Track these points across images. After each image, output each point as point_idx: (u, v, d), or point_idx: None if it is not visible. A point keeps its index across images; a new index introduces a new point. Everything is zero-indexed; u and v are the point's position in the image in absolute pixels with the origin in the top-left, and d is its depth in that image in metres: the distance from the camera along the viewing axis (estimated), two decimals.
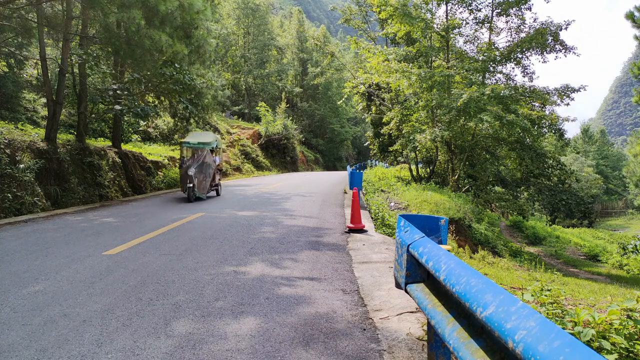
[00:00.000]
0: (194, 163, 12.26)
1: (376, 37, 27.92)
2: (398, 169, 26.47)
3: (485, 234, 16.02)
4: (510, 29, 19.11)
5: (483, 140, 19.15)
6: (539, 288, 3.95)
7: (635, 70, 13.75)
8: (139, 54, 11.46)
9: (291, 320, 3.76)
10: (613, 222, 46.45)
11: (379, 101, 24.23)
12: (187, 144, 12.97)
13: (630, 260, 16.71)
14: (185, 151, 13.36)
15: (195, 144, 12.87)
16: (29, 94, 17.37)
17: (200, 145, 12.87)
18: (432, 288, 2.48)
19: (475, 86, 16.88)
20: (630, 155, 46.51)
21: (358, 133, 57.48)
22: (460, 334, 1.89)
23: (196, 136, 13.54)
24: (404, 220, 2.93)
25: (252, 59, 46.65)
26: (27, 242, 6.84)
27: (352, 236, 7.63)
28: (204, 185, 12.60)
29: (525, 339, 1.28)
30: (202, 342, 3.29)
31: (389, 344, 3.29)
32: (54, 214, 9.80)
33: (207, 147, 12.96)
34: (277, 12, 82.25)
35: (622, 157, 64.62)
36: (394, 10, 17.89)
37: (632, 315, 2.99)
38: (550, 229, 27.09)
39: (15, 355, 3.08)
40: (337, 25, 69.41)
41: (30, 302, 4.13)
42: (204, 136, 13.64)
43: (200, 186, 12.42)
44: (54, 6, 12.40)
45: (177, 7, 11.62)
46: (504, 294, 1.58)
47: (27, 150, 10.63)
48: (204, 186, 12.64)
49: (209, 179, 12.85)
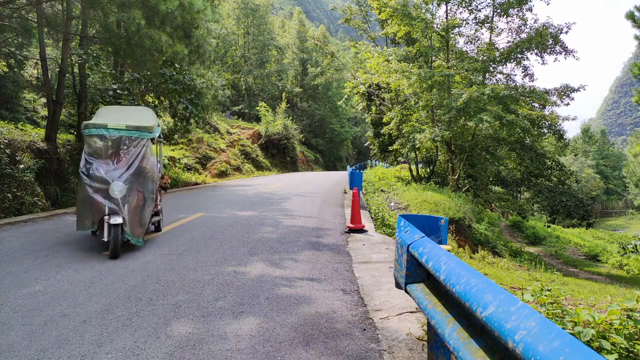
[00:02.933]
0: (116, 170, 6.19)
1: (376, 37, 27.93)
2: (398, 169, 26.47)
3: (485, 234, 16.02)
4: (511, 29, 19.12)
5: (483, 140, 19.15)
6: (539, 288, 3.95)
7: (635, 70, 13.74)
8: (139, 53, 11.45)
9: (291, 320, 3.76)
10: (613, 222, 46.44)
11: (379, 101, 24.24)
12: (99, 129, 6.34)
13: (630, 260, 16.71)
14: (94, 144, 6.39)
15: (120, 129, 6.38)
16: (29, 94, 17.36)
17: (130, 133, 6.41)
18: (432, 288, 2.48)
19: (475, 86, 16.88)
20: (630, 155, 46.52)
21: (358, 133, 57.48)
22: (460, 334, 1.89)
23: (116, 114, 7.01)
24: (404, 220, 2.93)
25: (252, 59, 46.65)
26: (27, 242, 6.84)
27: (352, 236, 7.63)
28: (141, 219, 6.42)
29: (525, 339, 1.28)
30: (202, 342, 3.29)
31: (389, 344, 3.29)
32: (54, 214, 9.80)
33: (143, 136, 6.52)
34: (277, 12, 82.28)
35: (622, 157, 64.62)
36: (394, 11, 17.89)
37: (632, 315, 2.99)
38: (550, 229, 27.09)
39: (15, 355, 3.08)
40: (337, 25, 69.44)
41: (30, 302, 4.13)
42: (135, 114, 7.11)
43: (135, 221, 6.26)
44: (54, 6, 12.40)
45: (177, 7, 11.62)
46: (504, 294, 1.57)
47: (27, 150, 10.63)
48: (143, 221, 6.45)
49: (150, 203, 6.69)
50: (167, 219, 9.19)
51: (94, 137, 6.38)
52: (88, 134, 6.37)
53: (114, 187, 6.02)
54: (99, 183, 6.11)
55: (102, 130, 6.34)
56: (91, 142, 6.39)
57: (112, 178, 6.11)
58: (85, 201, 6.18)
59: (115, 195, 6.01)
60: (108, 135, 6.37)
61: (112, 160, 6.35)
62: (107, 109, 7.42)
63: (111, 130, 6.37)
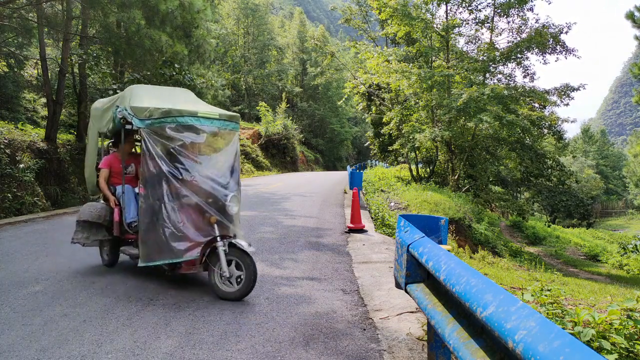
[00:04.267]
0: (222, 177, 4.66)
1: (376, 37, 27.91)
2: (398, 169, 26.46)
3: (485, 234, 16.02)
4: (512, 29, 19.10)
5: (483, 140, 19.14)
6: (539, 288, 3.94)
7: (636, 70, 13.74)
8: (139, 53, 11.46)
9: (291, 320, 3.76)
10: (613, 222, 46.44)
11: (379, 101, 24.23)
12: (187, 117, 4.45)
13: (630, 260, 16.70)
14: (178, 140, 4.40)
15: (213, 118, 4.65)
16: (29, 94, 17.36)
17: (225, 124, 4.79)
18: (432, 288, 2.48)
19: (475, 86, 16.87)
20: (630, 155, 46.53)
21: (358, 133, 57.48)
22: (460, 334, 1.89)
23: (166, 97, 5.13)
24: (404, 220, 2.93)
25: (252, 59, 46.66)
26: (27, 242, 6.84)
27: (352, 236, 7.63)
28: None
29: (525, 339, 1.28)
30: (202, 342, 3.29)
31: (389, 344, 3.29)
32: (54, 214, 9.80)
33: (236, 128, 4.96)
34: (277, 12, 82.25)
35: (622, 157, 64.60)
36: (394, 11, 17.89)
37: (632, 315, 2.99)
38: (550, 229, 27.09)
39: (15, 355, 3.08)
40: (337, 25, 69.44)
41: (30, 302, 4.13)
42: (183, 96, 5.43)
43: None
44: (54, 6, 12.40)
45: (177, 7, 11.62)
46: (504, 294, 1.57)
47: (27, 150, 10.63)
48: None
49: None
50: None
51: (180, 130, 4.36)
52: (173, 123, 4.33)
53: (232, 201, 4.46)
54: (203, 196, 4.36)
55: (191, 120, 4.41)
56: (176, 136, 4.33)
57: (225, 188, 4.51)
58: (169, 220, 4.23)
59: (232, 211, 4.46)
60: (200, 126, 4.48)
61: (210, 162, 4.56)
62: (143, 89, 5.11)
63: (202, 119, 4.50)
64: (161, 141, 4.32)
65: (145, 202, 4.31)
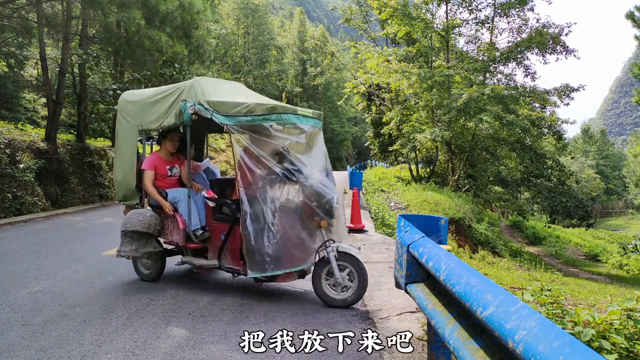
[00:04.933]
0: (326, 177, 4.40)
1: (376, 37, 27.91)
2: (398, 169, 26.46)
3: (485, 234, 16.02)
4: (512, 29, 19.10)
5: (483, 140, 19.15)
6: (539, 288, 3.94)
7: (636, 70, 13.75)
8: (138, 54, 11.47)
9: (291, 320, 3.76)
10: (613, 222, 46.43)
11: (379, 101, 24.23)
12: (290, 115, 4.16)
13: (630, 260, 16.69)
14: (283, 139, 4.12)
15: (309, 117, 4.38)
16: (29, 94, 17.36)
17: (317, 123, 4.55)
18: (432, 288, 2.48)
19: (475, 86, 16.87)
20: (630, 155, 46.49)
21: (358, 133, 57.47)
22: (460, 334, 1.89)
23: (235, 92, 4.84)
24: (404, 220, 2.93)
25: (252, 59, 46.67)
26: (27, 242, 6.84)
27: (352, 236, 7.63)
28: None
29: (526, 339, 1.28)
30: (202, 342, 3.29)
31: (389, 344, 3.28)
32: (54, 214, 9.80)
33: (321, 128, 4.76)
34: (277, 12, 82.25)
35: (622, 157, 64.56)
36: (394, 11, 17.90)
37: (632, 315, 2.99)
38: (550, 229, 27.09)
39: (15, 355, 3.08)
40: (337, 25, 69.43)
41: (30, 302, 4.13)
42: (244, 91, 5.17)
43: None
44: (54, 6, 12.40)
45: (177, 7, 11.63)
46: (504, 294, 1.57)
47: (27, 150, 10.62)
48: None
49: None
50: None
51: (284, 128, 4.14)
52: (277, 121, 4.04)
53: (337, 203, 4.24)
54: (312, 199, 4.09)
55: (293, 118, 4.17)
56: (281, 135, 4.10)
57: (331, 189, 4.24)
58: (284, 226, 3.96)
59: (339, 214, 4.24)
60: (300, 124, 4.23)
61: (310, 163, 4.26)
62: (208, 82, 4.59)
63: (301, 117, 4.26)
64: (265, 140, 3.97)
65: (252, 208, 3.87)
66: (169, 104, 4.44)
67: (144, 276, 4.86)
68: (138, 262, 4.91)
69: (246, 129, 3.94)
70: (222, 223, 4.36)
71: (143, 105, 4.78)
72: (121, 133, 4.98)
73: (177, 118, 4.26)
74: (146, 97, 4.80)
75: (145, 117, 4.71)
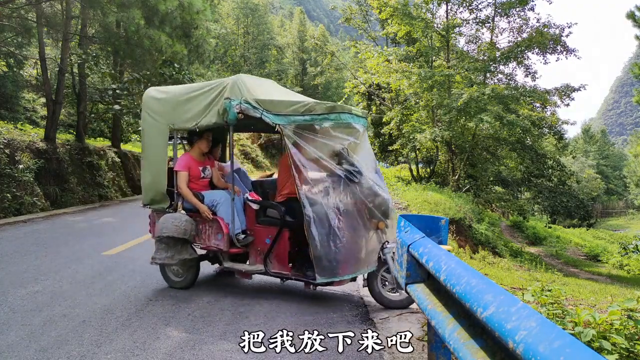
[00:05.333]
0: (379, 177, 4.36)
1: (377, 37, 27.90)
2: (398, 169, 26.46)
3: (485, 234, 16.00)
4: (512, 29, 19.09)
5: (484, 140, 19.14)
6: (539, 288, 3.93)
7: (636, 70, 13.74)
8: (138, 53, 11.46)
9: (291, 320, 3.76)
10: (613, 222, 46.40)
11: (379, 101, 24.23)
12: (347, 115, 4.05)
13: (630, 260, 16.68)
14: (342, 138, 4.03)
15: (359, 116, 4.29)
16: (29, 93, 17.36)
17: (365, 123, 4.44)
18: (433, 288, 2.47)
19: (475, 86, 16.86)
20: (631, 155, 46.48)
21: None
22: (460, 334, 1.88)
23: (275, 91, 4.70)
24: (404, 220, 2.92)
25: (252, 59, 46.69)
26: (26, 242, 6.83)
27: None
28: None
29: (526, 339, 1.27)
30: (202, 342, 3.28)
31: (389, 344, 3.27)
32: (54, 214, 9.79)
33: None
34: (277, 12, 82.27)
35: (622, 157, 64.54)
36: (394, 10, 17.89)
37: (632, 315, 2.98)
38: (550, 229, 27.08)
39: (14, 355, 3.07)
40: (337, 25, 69.42)
41: (29, 302, 4.13)
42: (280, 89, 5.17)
43: None
44: (54, 6, 12.39)
45: (176, 7, 11.62)
46: (505, 295, 1.57)
47: (26, 150, 10.62)
48: None
49: None
50: None
51: (341, 128, 4.02)
52: (339, 120, 3.94)
53: (391, 204, 4.15)
54: (370, 200, 4.00)
55: (349, 117, 4.05)
56: (339, 134, 3.97)
57: (385, 189, 4.17)
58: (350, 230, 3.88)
59: (393, 214, 4.09)
60: (354, 124, 4.13)
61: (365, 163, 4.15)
62: (251, 80, 4.43)
63: (355, 117, 4.12)
64: (322, 141, 3.83)
65: (315, 212, 3.73)
66: (207, 101, 4.21)
67: (175, 283, 4.61)
68: (167, 269, 4.64)
69: (303, 129, 3.77)
70: (267, 226, 4.20)
71: (174, 102, 4.52)
72: (148, 132, 4.72)
73: (220, 117, 4.06)
74: (177, 94, 4.56)
75: (178, 115, 4.45)
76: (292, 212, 4.07)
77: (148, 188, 4.70)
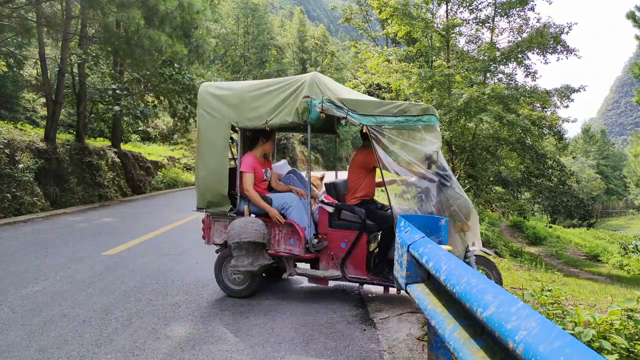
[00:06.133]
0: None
1: (377, 37, 27.91)
2: None
3: (485, 234, 16.01)
4: (512, 29, 19.09)
5: (484, 140, 19.12)
6: (539, 288, 3.94)
7: (636, 70, 13.74)
8: (138, 53, 11.45)
9: (291, 320, 3.75)
10: (613, 222, 46.38)
11: None
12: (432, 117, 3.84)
13: (631, 260, 16.70)
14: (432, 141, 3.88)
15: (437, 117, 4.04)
16: (29, 93, 17.35)
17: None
18: (433, 288, 2.47)
19: (475, 86, 16.86)
20: (631, 155, 46.47)
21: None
22: (460, 334, 1.88)
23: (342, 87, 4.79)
24: (404, 220, 2.92)
25: (252, 59, 46.69)
26: (26, 243, 6.83)
27: None
28: None
29: (526, 339, 1.27)
30: (202, 343, 3.28)
31: (389, 344, 3.28)
32: (53, 214, 9.79)
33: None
34: (277, 12, 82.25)
35: (622, 157, 64.52)
36: (394, 10, 17.89)
37: (632, 315, 2.98)
38: (551, 229, 27.08)
39: (14, 355, 3.07)
40: (337, 25, 69.41)
41: (29, 303, 4.12)
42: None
43: None
44: (54, 6, 12.38)
45: (176, 7, 11.62)
46: (505, 295, 1.57)
47: (26, 150, 10.62)
48: None
49: None
50: (166, 220, 9.18)
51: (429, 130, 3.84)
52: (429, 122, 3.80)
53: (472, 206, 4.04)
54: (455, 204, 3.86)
55: (435, 120, 3.86)
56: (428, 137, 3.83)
57: (462, 190, 4.10)
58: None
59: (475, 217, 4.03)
60: (437, 126, 3.95)
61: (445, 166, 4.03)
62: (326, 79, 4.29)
63: (434, 118, 3.87)
64: (413, 144, 3.70)
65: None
66: (279, 99, 4.03)
67: (235, 292, 4.30)
68: (224, 275, 4.31)
69: (394, 130, 3.63)
70: (342, 230, 4.08)
71: (239, 99, 4.28)
72: (205, 130, 4.43)
73: (298, 116, 3.89)
74: (242, 91, 4.30)
75: (243, 113, 4.21)
76: (369, 215, 4.01)
77: (205, 190, 4.38)
